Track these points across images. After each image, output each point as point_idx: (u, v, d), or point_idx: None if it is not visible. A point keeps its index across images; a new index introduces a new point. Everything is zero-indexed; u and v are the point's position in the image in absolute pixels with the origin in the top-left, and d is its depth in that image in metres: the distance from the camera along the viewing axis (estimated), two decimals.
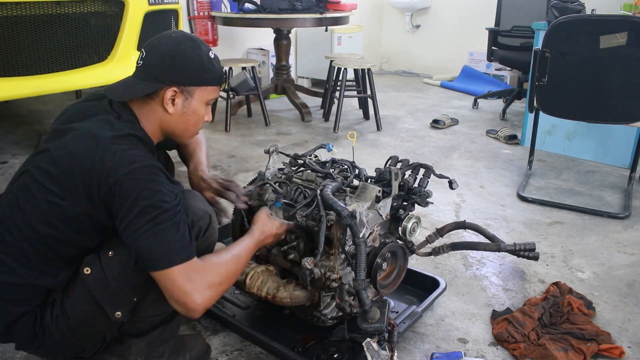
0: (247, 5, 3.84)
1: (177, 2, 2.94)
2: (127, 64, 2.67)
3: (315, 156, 1.83)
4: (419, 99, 5.08)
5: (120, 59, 2.63)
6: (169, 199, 1.16)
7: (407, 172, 1.67)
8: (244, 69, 3.92)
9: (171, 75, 1.26)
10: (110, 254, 1.24)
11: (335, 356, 1.52)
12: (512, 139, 3.69)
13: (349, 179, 1.65)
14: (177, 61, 1.26)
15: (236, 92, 1.45)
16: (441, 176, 1.66)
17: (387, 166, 1.66)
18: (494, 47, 4.45)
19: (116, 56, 2.61)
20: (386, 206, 1.55)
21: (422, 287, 1.86)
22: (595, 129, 3.24)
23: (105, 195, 1.15)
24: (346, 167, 1.73)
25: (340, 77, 3.93)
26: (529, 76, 3.05)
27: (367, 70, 3.93)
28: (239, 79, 1.47)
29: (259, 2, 3.83)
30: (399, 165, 1.69)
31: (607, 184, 2.98)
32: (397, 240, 1.63)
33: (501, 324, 1.71)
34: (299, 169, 1.77)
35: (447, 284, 1.87)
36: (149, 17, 2.72)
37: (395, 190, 1.56)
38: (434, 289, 1.81)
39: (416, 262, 2.06)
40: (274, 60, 4.54)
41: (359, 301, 1.37)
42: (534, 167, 3.18)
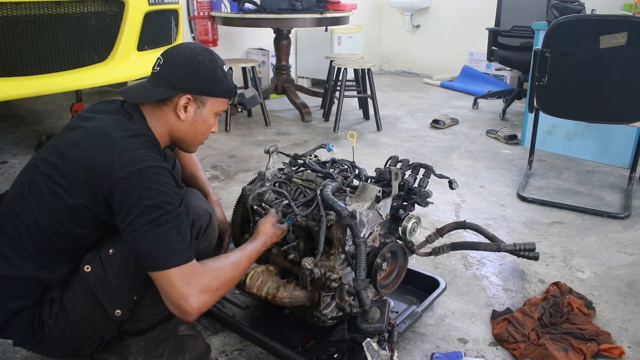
0: (247, 5, 3.84)
1: (177, 2, 2.94)
2: (127, 64, 2.67)
3: (315, 156, 1.83)
4: (419, 99, 5.08)
5: (120, 59, 2.63)
6: (173, 201, 1.17)
7: (407, 172, 1.67)
8: (244, 69, 3.92)
9: (187, 83, 1.29)
10: (110, 251, 1.25)
11: (335, 356, 1.52)
12: (512, 139, 3.69)
13: (349, 179, 1.66)
14: (194, 70, 1.30)
15: (244, 107, 1.50)
16: (441, 176, 1.67)
17: (387, 166, 1.66)
18: (494, 47, 4.45)
19: (116, 56, 2.61)
20: (386, 206, 1.55)
21: (422, 287, 1.86)
22: (595, 129, 3.25)
23: (108, 191, 1.16)
24: (346, 167, 1.73)
25: (340, 77, 3.93)
26: (529, 76, 3.05)
27: (367, 70, 3.93)
28: (248, 94, 1.51)
29: (259, 2, 3.83)
30: (399, 165, 1.69)
31: (607, 184, 2.98)
32: (397, 240, 1.63)
33: (501, 324, 1.71)
34: (299, 169, 1.78)
35: (447, 284, 1.87)
36: (149, 17, 2.72)
37: (395, 190, 1.56)
38: (434, 289, 1.81)
39: (416, 262, 2.06)
40: (274, 60, 4.54)
41: (359, 301, 1.37)
42: (534, 167, 3.18)
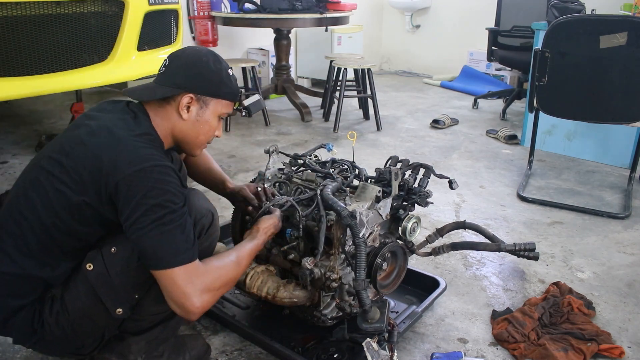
0: (247, 5, 3.84)
1: (177, 2, 2.94)
2: (127, 64, 2.67)
3: (315, 156, 1.83)
4: (419, 99, 5.08)
5: (120, 59, 2.63)
6: (177, 200, 1.18)
7: (407, 172, 1.67)
8: (244, 69, 3.92)
9: (190, 82, 1.30)
10: (113, 250, 1.25)
11: (335, 356, 1.52)
12: (512, 139, 3.69)
13: (349, 179, 1.66)
14: (198, 70, 1.31)
15: (248, 112, 1.49)
16: (441, 176, 1.67)
17: (387, 166, 1.66)
18: (494, 47, 4.45)
19: (116, 56, 2.61)
20: (386, 206, 1.55)
21: (422, 287, 1.86)
22: (595, 129, 3.25)
23: (113, 189, 1.16)
24: (346, 167, 1.73)
25: (340, 77, 3.93)
26: (529, 76, 3.05)
27: (367, 70, 3.93)
28: (252, 99, 1.51)
29: (259, 2, 3.83)
30: (399, 165, 1.69)
31: (607, 184, 2.98)
32: (397, 240, 1.63)
33: (501, 324, 1.71)
34: (299, 169, 1.78)
35: (447, 284, 1.87)
36: (149, 17, 2.72)
37: (395, 190, 1.56)
38: (434, 289, 1.81)
39: (416, 262, 2.06)
40: (274, 60, 4.54)
41: (359, 301, 1.37)
42: (534, 167, 3.18)
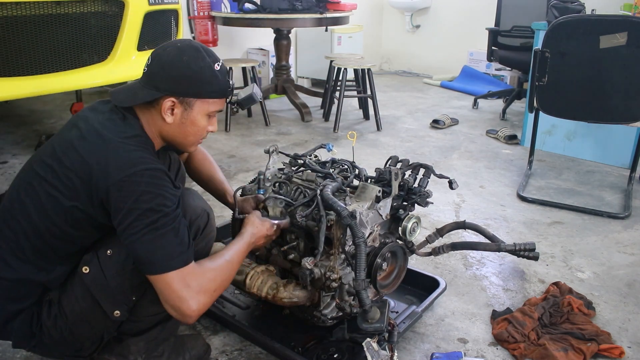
0: (247, 5, 3.84)
1: (177, 2, 2.94)
2: (127, 64, 2.67)
3: (315, 156, 1.83)
4: (419, 99, 5.08)
5: (120, 59, 2.63)
6: (170, 203, 1.16)
7: (407, 172, 1.67)
8: (244, 69, 3.92)
9: (170, 85, 1.25)
10: (108, 252, 1.25)
11: (335, 356, 1.52)
12: (512, 139, 3.69)
13: (349, 179, 1.66)
14: (177, 72, 1.25)
15: (241, 106, 1.44)
16: (441, 176, 1.66)
17: (387, 166, 1.66)
18: (494, 47, 4.45)
19: (116, 56, 2.61)
20: (386, 206, 1.55)
21: (422, 287, 1.86)
22: (595, 129, 3.25)
23: (104, 194, 1.15)
24: (346, 167, 1.73)
25: (340, 77, 3.93)
26: (529, 76, 3.05)
27: (367, 70, 3.93)
28: (245, 92, 1.45)
29: (259, 2, 3.83)
30: (399, 165, 1.69)
31: (607, 184, 2.98)
32: (397, 240, 1.63)
33: (501, 324, 1.71)
34: (299, 169, 1.78)
35: (447, 284, 1.87)
36: (149, 17, 2.72)
37: (395, 190, 1.56)
38: (434, 289, 1.81)
39: (416, 262, 2.06)
40: (274, 60, 4.54)
41: (359, 301, 1.37)
42: (534, 167, 3.18)
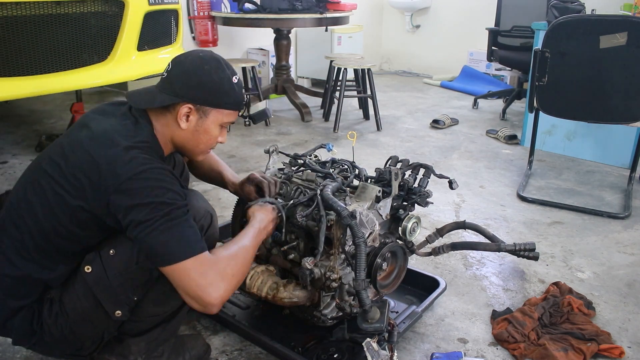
0: (247, 5, 3.84)
1: (177, 2, 2.94)
2: (127, 64, 2.67)
3: (315, 156, 1.83)
4: (419, 99, 5.08)
5: (120, 59, 2.63)
6: (179, 198, 1.18)
7: (407, 172, 1.67)
8: (244, 69, 3.92)
9: (189, 92, 1.27)
10: (111, 252, 1.25)
11: (335, 356, 1.52)
12: (512, 139, 3.69)
13: (349, 179, 1.66)
14: (197, 80, 1.27)
15: (253, 121, 1.45)
16: (441, 176, 1.66)
17: (387, 166, 1.66)
18: (494, 47, 4.45)
19: (116, 56, 2.61)
20: (386, 206, 1.55)
21: (422, 287, 1.86)
22: (595, 129, 3.25)
23: (113, 194, 1.15)
24: (346, 167, 1.73)
25: (340, 77, 3.93)
26: (529, 76, 3.05)
27: (367, 70, 3.93)
28: (258, 108, 1.46)
29: (259, 2, 3.83)
30: (399, 165, 1.69)
31: (607, 184, 2.98)
32: (397, 240, 1.63)
33: (501, 324, 1.71)
34: (299, 169, 1.78)
35: (447, 284, 1.87)
36: (149, 17, 2.72)
37: (395, 190, 1.56)
38: (434, 289, 1.81)
39: (416, 262, 2.06)
40: (274, 60, 4.54)
41: (359, 301, 1.37)
42: (534, 167, 3.18)
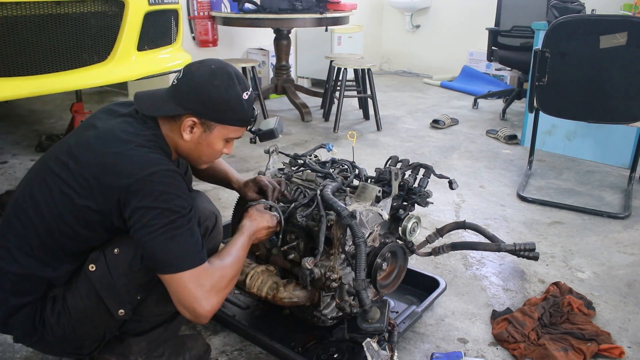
0: (247, 5, 3.84)
1: (177, 2, 2.94)
2: (127, 64, 2.67)
3: (315, 156, 1.83)
4: (419, 99, 5.08)
5: (120, 59, 2.63)
6: (186, 205, 1.18)
7: (407, 172, 1.67)
8: (244, 69, 3.92)
9: (195, 105, 1.26)
10: (115, 251, 1.25)
11: (335, 356, 1.52)
12: (512, 139, 3.69)
13: (349, 179, 1.66)
14: (205, 95, 1.25)
15: (260, 138, 1.42)
16: (441, 176, 1.67)
17: (387, 166, 1.66)
18: (494, 47, 4.45)
19: (116, 56, 2.61)
20: (386, 206, 1.55)
21: (422, 287, 1.86)
22: (595, 129, 3.25)
23: (122, 193, 1.15)
24: (346, 167, 1.73)
25: (340, 77, 3.93)
26: (529, 76, 3.05)
27: (367, 70, 3.93)
28: (267, 126, 1.43)
29: (259, 2, 3.83)
30: (399, 165, 1.69)
31: (607, 184, 2.98)
32: (397, 240, 1.63)
33: (501, 324, 1.71)
34: (299, 169, 1.78)
35: (447, 284, 1.87)
36: (149, 17, 2.72)
37: (395, 190, 1.56)
38: (434, 289, 1.81)
39: (416, 262, 2.06)
40: (274, 60, 4.54)
41: (359, 301, 1.37)
42: (534, 167, 3.18)
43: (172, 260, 1.15)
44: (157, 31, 2.86)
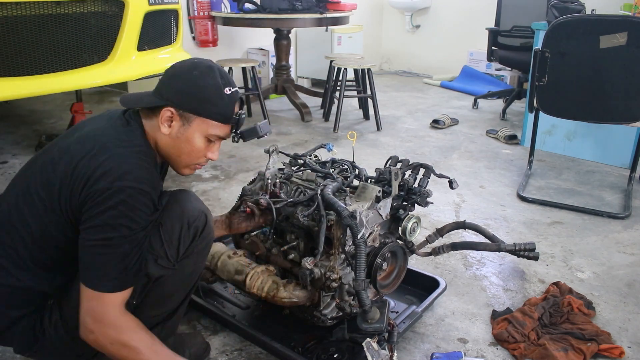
0: (247, 5, 3.84)
1: (177, 2, 2.94)
2: (127, 64, 2.67)
3: (315, 156, 1.83)
4: (419, 99, 5.08)
5: (120, 59, 2.63)
6: (135, 226, 1.14)
7: (407, 172, 1.67)
8: (244, 69, 3.92)
9: (172, 95, 1.24)
10: None
11: (335, 356, 1.52)
12: (512, 139, 3.69)
13: (349, 179, 1.66)
14: (182, 84, 1.23)
15: (242, 138, 1.39)
16: (441, 176, 1.67)
17: (387, 166, 1.66)
18: (494, 47, 4.45)
19: (116, 56, 2.61)
20: (386, 206, 1.55)
21: (422, 287, 1.86)
22: (595, 129, 3.25)
23: (84, 197, 1.14)
24: (346, 167, 1.73)
25: (340, 77, 3.93)
26: (529, 76, 3.05)
27: (367, 70, 3.93)
28: (249, 125, 1.40)
29: (259, 2, 3.83)
30: (399, 165, 1.69)
31: (607, 184, 2.98)
32: (397, 240, 1.63)
33: (501, 324, 1.71)
34: (299, 169, 1.78)
35: (447, 284, 1.87)
36: (149, 17, 2.72)
37: (395, 190, 1.56)
38: (434, 289, 1.81)
39: (416, 262, 2.06)
40: (274, 60, 4.54)
41: (359, 301, 1.37)
42: (534, 167, 3.18)
43: (91, 274, 1.14)
44: (157, 31, 2.86)
